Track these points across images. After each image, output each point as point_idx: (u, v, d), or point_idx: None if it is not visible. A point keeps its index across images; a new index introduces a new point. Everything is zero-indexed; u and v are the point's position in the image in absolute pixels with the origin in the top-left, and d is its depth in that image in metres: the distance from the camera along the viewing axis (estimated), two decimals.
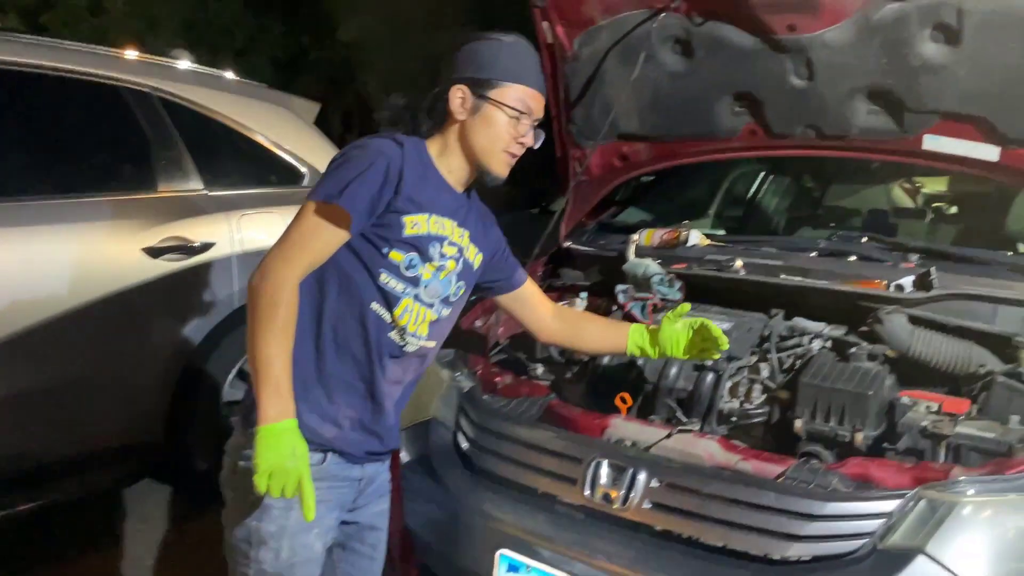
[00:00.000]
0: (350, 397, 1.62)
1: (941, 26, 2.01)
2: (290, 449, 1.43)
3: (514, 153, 1.67)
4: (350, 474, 1.66)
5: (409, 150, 1.61)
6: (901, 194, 3.68)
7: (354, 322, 1.60)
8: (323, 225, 1.53)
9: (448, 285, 1.68)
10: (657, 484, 1.73)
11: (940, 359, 1.99)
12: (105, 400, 2.89)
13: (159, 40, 7.25)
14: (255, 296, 1.50)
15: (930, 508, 1.53)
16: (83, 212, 2.88)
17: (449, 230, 1.66)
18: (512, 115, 1.63)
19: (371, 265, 1.58)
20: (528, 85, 1.66)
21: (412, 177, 1.58)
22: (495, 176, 1.68)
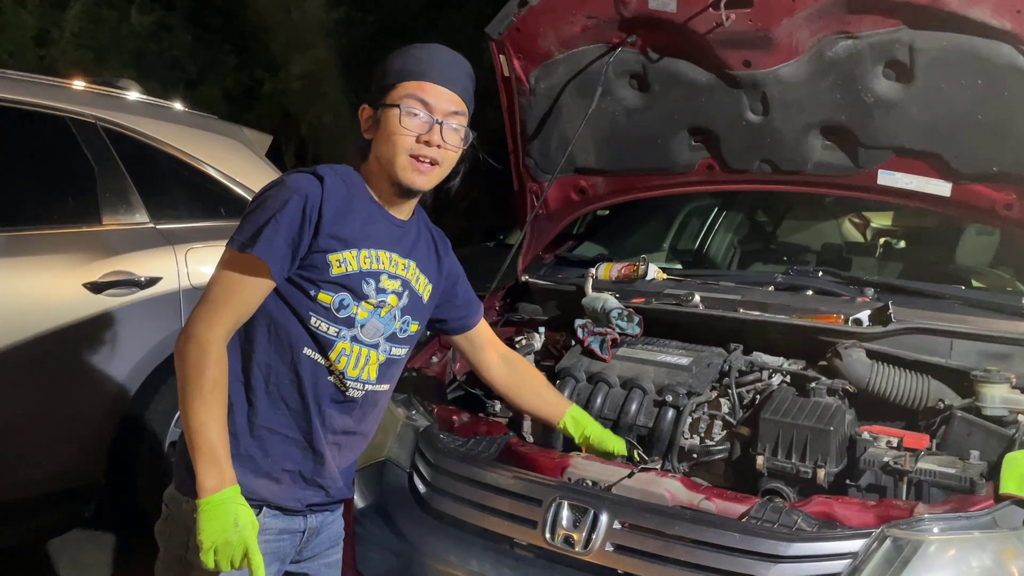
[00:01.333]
0: (287, 449, 1.53)
1: (894, 63, 2.04)
2: (232, 519, 1.37)
3: (422, 156, 1.52)
4: (290, 526, 1.58)
5: (331, 183, 1.50)
6: (851, 228, 3.74)
7: (286, 369, 1.51)
8: (241, 278, 1.44)
9: (391, 322, 1.58)
10: (619, 526, 1.68)
11: (899, 393, 1.99)
12: (42, 441, 2.76)
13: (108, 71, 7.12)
14: (181, 361, 1.42)
15: (895, 547, 1.51)
16: (22, 245, 2.77)
17: (386, 263, 1.56)
18: (406, 112, 1.50)
19: (299, 309, 1.49)
20: (420, 79, 1.52)
21: (333, 212, 1.48)
22: (407, 185, 1.54)
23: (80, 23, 7.67)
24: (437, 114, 1.52)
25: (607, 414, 2.11)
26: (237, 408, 1.50)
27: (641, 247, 3.54)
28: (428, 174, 1.54)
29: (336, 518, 1.71)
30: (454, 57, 1.60)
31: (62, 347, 2.77)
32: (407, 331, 1.63)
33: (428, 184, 1.56)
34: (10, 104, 2.85)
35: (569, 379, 2.22)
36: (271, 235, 1.42)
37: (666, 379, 2.12)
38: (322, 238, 1.47)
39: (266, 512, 1.52)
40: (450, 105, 1.54)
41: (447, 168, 1.58)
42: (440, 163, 1.54)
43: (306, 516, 1.60)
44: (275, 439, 1.52)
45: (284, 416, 1.52)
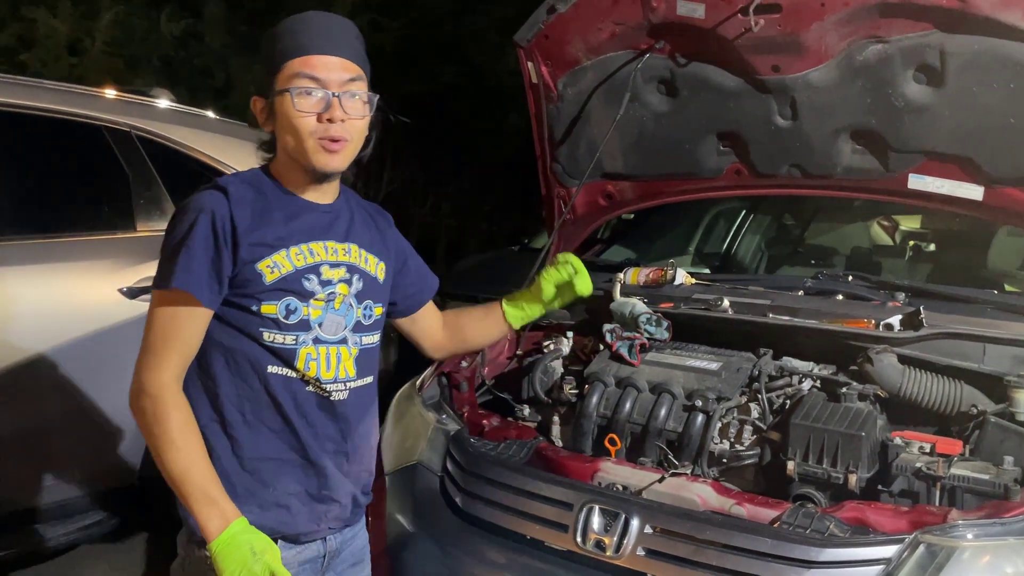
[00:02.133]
0: (286, 472, 1.45)
1: (924, 67, 2.03)
2: (248, 551, 1.33)
3: (331, 136, 1.41)
4: (305, 556, 1.50)
5: (236, 190, 1.41)
6: (880, 232, 3.71)
7: (258, 394, 1.42)
8: (173, 316, 1.37)
9: (350, 311, 1.49)
10: (651, 530, 1.69)
11: (931, 399, 1.98)
12: (79, 445, 2.81)
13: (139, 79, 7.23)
14: (139, 417, 1.36)
15: (929, 553, 1.51)
16: (60, 252, 2.83)
17: (322, 254, 1.46)
18: (297, 93, 1.39)
19: (249, 329, 1.40)
20: (304, 54, 1.40)
21: (248, 220, 1.39)
22: (321, 170, 1.44)
23: (111, 32, 7.79)
24: (332, 87, 1.41)
25: (636, 419, 2.11)
26: (220, 448, 1.42)
27: (667, 251, 3.55)
28: (340, 152, 1.44)
29: (356, 534, 1.64)
30: (334, 20, 1.48)
31: (98, 351, 2.82)
32: (372, 316, 1.54)
33: (343, 163, 1.46)
34: (48, 113, 2.91)
35: (598, 384, 2.22)
36: (186, 263, 1.35)
37: (695, 384, 2.12)
38: (243, 249, 1.38)
39: (282, 545, 1.45)
40: (343, 73, 1.42)
41: (359, 141, 1.48)
42: (350, 138, 1.44)
43: (325, 539, 1.53)
44: (270, 466, 1.44)
45: (271, 441, 1.44)
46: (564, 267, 1.78)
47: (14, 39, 7.73)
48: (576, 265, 1.78)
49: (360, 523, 1.66)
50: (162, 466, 1.35)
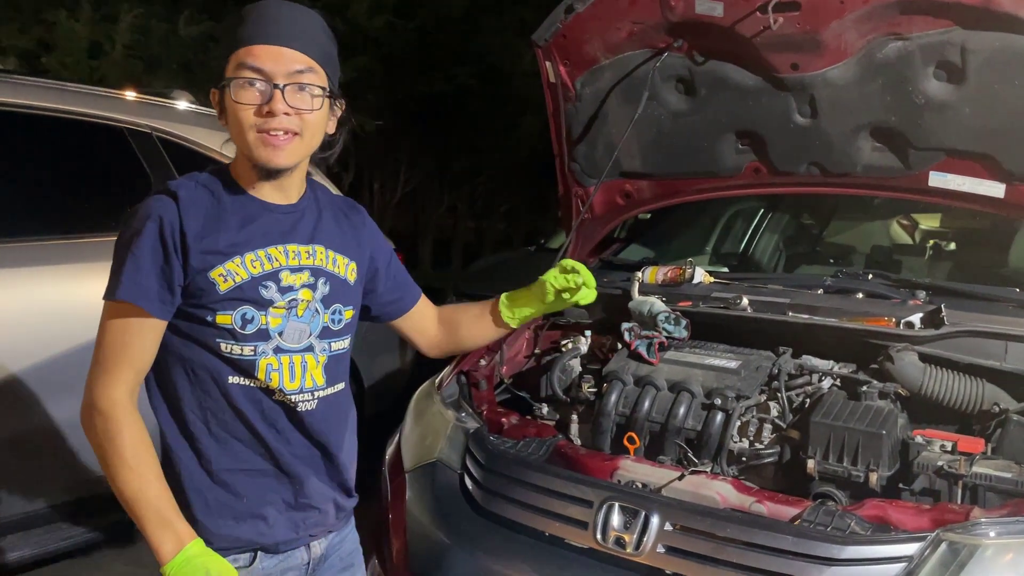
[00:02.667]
0: (259, 483, 1.40)
1: (945, 64, 2.02)
2: (203, 573, 1.27)
3: (272, 129, 1.32)
4: (288, 564, 1.46)
5: (187, 194, 1.34)
6: (899, 230, 3.69)
7: (221, 406, 1.37)
8: (124, 329, 1.30)
9: (315, 318, 1.42)
10: (671, 527, 1.69)
11: (952, 397, 1.97)
12: None
13: (158, 82, 7.30)
14: (90, 434, 1.31)
15: (951, 551, 1.50)
16: (82, 253, 2.86)
17: (281, 259, 1.38)
18: (237, 85, 1.31)
19: (205, 340, 1.34)
20: (248, 43, 1.32)
21: (200, 226, 1.32)
22: (264, 165, 1.34)
23: (130, 35, 7.87)
24: (277, 78, 1.31)
25: (655, 417, 2.12)
26: (187, 461, 1.37)
27: (685, 251, 3.54)
28: (284, 147, 1.33)
29: (345, 538, 1.60)
30: (291, 11, 1.37)
31: None
32: (342, 320, 1.47)
33: (290, 159, 1.36)
34: (71, 116, 2.95)
35: (616, 382, 2.22)
36: (133, 274, 1.29)
37: (715, 382, 2.11)
38: (194, 257, 1.31)
39: (261, 557, 1.42)
40: (291, 64, 1.32)
41: (311, 136, 1.38)
42: (299, 132, 1.34)
43: (308, 546, 1.48)
44: (241, 478, 1.39)
45: (240, 452, 1.39)
46: (572, 276, 1.68)
47: (35, 42, 7.82)
48: (584, 276, 1.68)
49: (348, 527, 1.62)
50: (114, 486, 1.29)
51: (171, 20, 8.14)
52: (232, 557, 1.39)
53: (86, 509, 2.86)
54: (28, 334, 2.65)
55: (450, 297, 6.42)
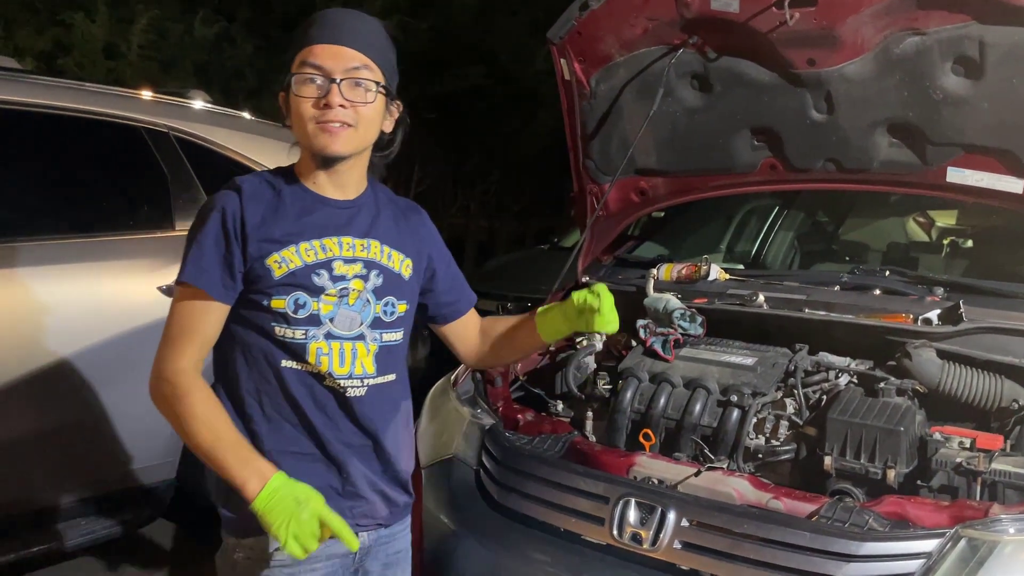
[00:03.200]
0: (307, 467, 1.45)
1: (963, 59, 2.01)
2: (292, 501, 1.32)
3: (328, 119, 1.41)
4: (336, 550, 1.47)
5: (250, 187, 1.45)
6: (916, 228, 3.67)
7: (274, 389, 1.44)
8: (189, 310, 1.40)
9: (366, 307, 1.48)
10: (687, 523, 1.69)
11: (970, 394, 1.96)
12: (120, 440, 2.86)
13: (173, 82, 7.34)
14: (161, 404, 1.39)
15: (970, 548, 1.50)
16: (101, 251, 2.88)
17: (336, 249, 1.46)
18: (299, 80, 1.42)
19: (261, 323, 1.43)
20: (310, 44, 1.43)
21: (258, 216, 1.42)
22: (321, 152, 1.44)
23: (146, 36, 7.91)
24: (335, 74, 1.42)
25: (671, 414, 2.11)
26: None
27: (699, 248, 3.53)
28: (339, 135, 1.43)
29: (394, 536, 1.62)
30: (351, 16, 1.49)
31: (138, 348, 2.86)
32: (395, 313, 1.53)
33: (345, 147, 1.45)
34: (89, 115, 2.97)
35: (632, 379, 2.22)
36: (197, 259, 1.40)
37: (730, 379, 2.11)
38: (252, 245, 1.41)
39: None
40: (348, 62, 1.43)
41: (366, 129, 1.47)
42: (354, 124, 1.44)
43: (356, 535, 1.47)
44: (291, 460, 1.44)
45: (290, 435, 1.45)
46: (592, 297, 1.62)
47: (52, 44, 7.87)
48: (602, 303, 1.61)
49: (400, 525, 1.63)
50: (192, 443, 1.36)
51: (186, 21, 8.18)
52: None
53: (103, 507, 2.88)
54: (49, 331, 2.67)
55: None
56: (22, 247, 2.69)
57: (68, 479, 2.77)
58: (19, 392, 2.59)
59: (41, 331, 2.65)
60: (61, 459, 2.72)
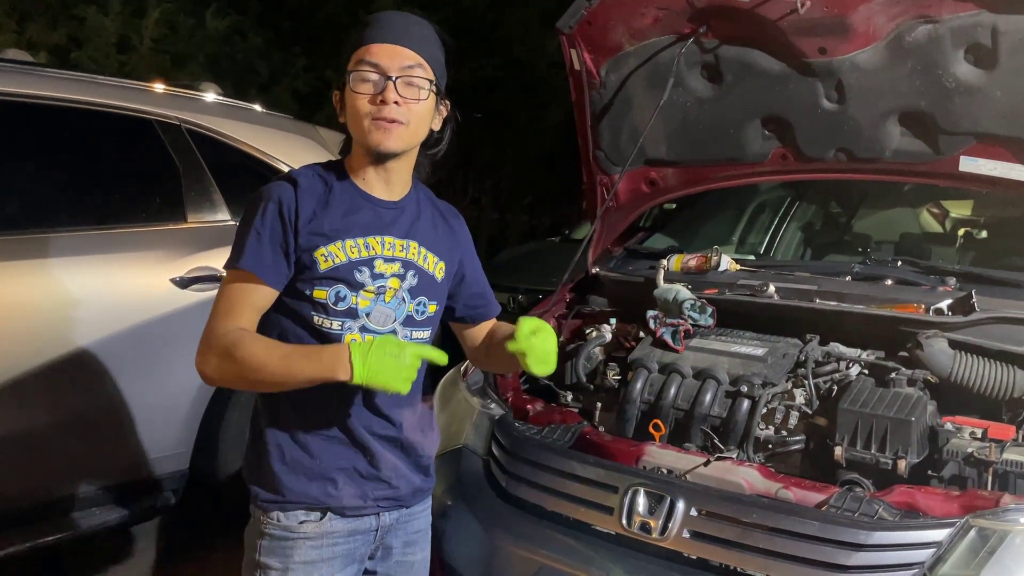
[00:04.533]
0: (333, 449, 1.51)
1: (975, 47, 2.00)
2: (390, 359, 1.33)
3: (384, 117, 1.45)
4: (359, 526, 1.55)
5: (305, 181, 1.50)
6: (929, 219, 3.65)
7: None
8: (239, 290, 1.45)
9: (401, 306, 1.54)
10: (696, 513, 1.69)
11: (982, 384, 1.95)
12: (133, 430, 2.89)
13: (185, 75, 7.36)
14: (216, 371, 1.41)
15: (981, 537, 1.49)
16: (114, 243, 2.90)
17: (378, 248, 1.52)
18: (356, 78, 1.46)
19: (302, 311, 1.48)
20: (367, 43, 1.47)
21: (311, 209, 1.48)
22: (374, 148, 1.48)
23: (158, 30, 7.94)
24: (391, 72, 1.46)
25: (680, 404, 2.11)
26: (272, 421, 1.51)
27: (710, 239, 3.51)
28: (392, 131, 1.47)
29: (415, 516, 1.66)
30: (405, 17, 1.54)
31: (151, 339, 2.89)
32: (425, 312, 1.58)
33: (397, 144, 1.49)
34: (102, 108, 2.98)
35: (641, 370, 2.22)
36: (255, 246, 1.44)
37: (740, 369, 2.11)
38: (303, 237, 1.46)
39: (330, 516, 1.51)
40: (403, 61, 1.47)
41: (417, 126, 1.51)
42: (406, 122, 1.47)
43: (378, 515, 1.57)
44: (317, 440, 1.50)
45: (318, 419, 1.51)
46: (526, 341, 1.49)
47: (65, 38, 7.91)
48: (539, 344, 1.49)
49: (421, 505, 1.68)
50: (266, 378, 1.39)
51: (198, 15, 8.20)
52: (303, 512, 1.50)
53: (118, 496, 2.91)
54: (61, 323, 2.69)
55: None
56: (35, 239, 2.71)
57: (82, 469, 2.80)
58: (33, 382, 2.61)
59: (53, 323, 2.68)
60: (74, 449, 2.74)
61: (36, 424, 2.65)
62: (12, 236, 2.67)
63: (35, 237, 2.72)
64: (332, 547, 1.51)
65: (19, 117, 2.81)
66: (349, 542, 1.54)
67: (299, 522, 1.49)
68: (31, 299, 2.65)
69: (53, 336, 2.67)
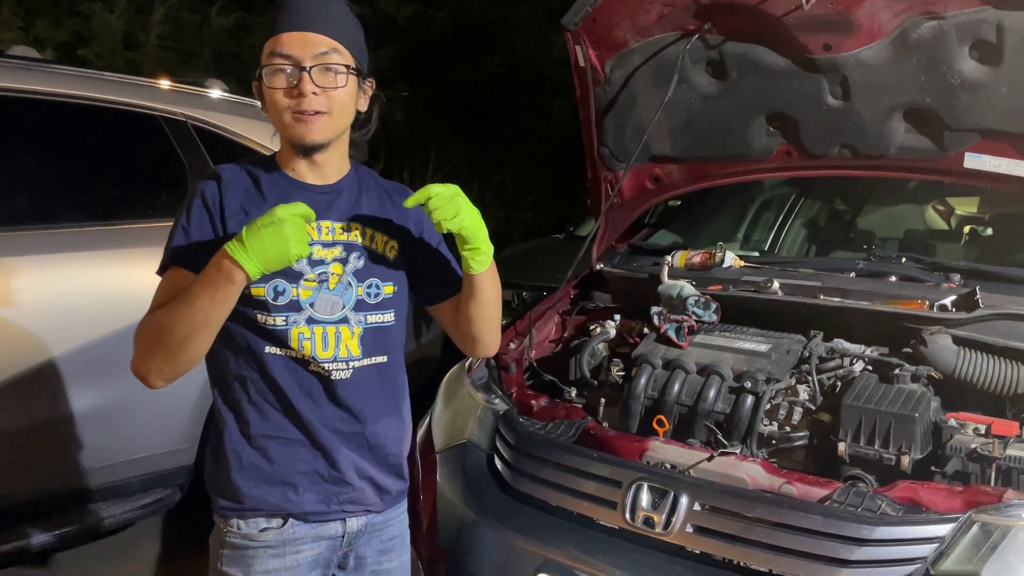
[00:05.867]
0: (292, 452, 1.45)
1: (981, 43, 1.99)
2: (269, 235, 1.27)
3: (304, 110, 1.39)
4: (324, 532, 1.50)
5: (229, 175, 1.45)
6: (934, 216, 3.64)
7: (259, 375, 1.44)
8: (172, 288, 1.38)
9: (348, 291, 1.47)
10: (700, 508, 1.70)
11: (986, 380, 1.95)
12: (141, 425, 2.90)
13: (190, 71, 7.38)
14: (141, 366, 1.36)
15: (984, 533, 1.49)
16: (120, 239, 2.91)
17: (314, 235, 1.45)
18: (269, 72, 1.40)
19: (244, 312, 1.41)
20: (275, 34, 1.41)
21: (237, 203, 1.43)
22: (299, 142, 1.43)
23: (164, 27, 7.98)
24: (304, 61, 1.39)
25: (684, 400, 2.12)
26: (230, 426, 1.46)
27: (715, 237, 3.51)
28: (314, 123, 1.41)
29: (389, 522, 1.60)
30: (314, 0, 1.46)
31: None
32: (380, 294, 1.51)
33: (321, 135, 1.43)
34: (109, 104, 3.00)
35: (645, 365, 2.23)
36: (182, 241, 1.41)
37: (744, 365, 2.11)
38: (231, 228, 1.41)
39: (292, 523, 1.47)
40: (315, 48, 1.41)
41: (341, 113, 1.45)
42: (328, 110, 1.42)
43: (344, 520, 1.52)
44: (276, 444, 1.45)
45: (276, 420, 1.45)
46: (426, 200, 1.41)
47: (71, 35, 7.94)
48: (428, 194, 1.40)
49: (393, 511, 1.61)
50: (180, 327, 1.32)
51: (203, 11, 8.23)
52: (264, 520, 1.46)
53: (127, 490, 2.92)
54: (69, 317, 2.71)
55: None
56: (41, 235, 2.73)
57: (87, 464, 2.81)
58: (39, 378, 2.63)
59: (58, 318, 2.69)
60: (79, 444, 2.76)
61: (40, 419, 2.67)
62: (19, 231, 2.68)
63: (41, 233, 2.73)
64: (295, 555, 1.47)
65: (26, 113, 2.82)
66: (313, 548, 1.49)
67: (260, 530, 1.46)
68: (37, 295, 2.66)
69: (59, 331, 2.69)
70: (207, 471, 1.51)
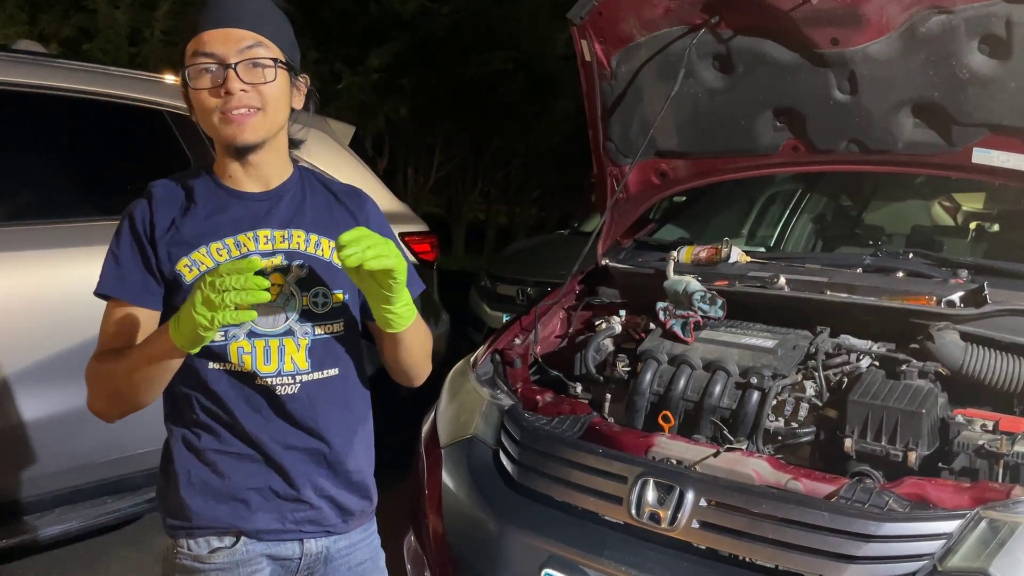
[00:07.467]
0: (244, 467, 1.39)
1: (990, 38, 1.98)
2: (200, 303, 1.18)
3: (232, 107, 1.32)
4: (280, 552, 1.42)
5: (161, 191, 1.40)
6: (941, 212, 3.63)
7: (204, 392, 1.37)
8: (108, 317, 1.36)
9: (291, 301, 1.39)
10: (705, 503, 1.70)
11: (994, 377, 1.94)
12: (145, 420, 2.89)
13: None
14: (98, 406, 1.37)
15: (991, 529, 1.49)
16: None
17: (250, 245, 1.38)
18: (194, 72, 1.33)
19: None
20: (196, 32, 1.34)
21: (169, 219, 1.37)
22: (231, 143, 1.35)
23: (168, 22, 7.98)
24: (229, 58, 1.32)
25: (690, 396, 2.11)
26: (179, 442, 1.40)
27: (720, 232, 3.52)
28: (246, 121, 1.34)
29: (356, 547, 1.51)
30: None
31: None
32: (327, 303, 1.42)
33: (255, 134, 1.36)
34: (114, 98, 3.00)
35: (651, 361, 2.22)
36: (112, 269, 1.37)
37: (750, 361, 2.11)
38: (161, 249, 1.35)
39: (244, 541, 1.40)
40: (239, 43, 1.33)
41: (274, 110, 1.37)
42: (260, 107, 1.35)
43: (301, 541, 1.43)
44: (227, 459, 1.38)
45: (224, 436, 1.38)
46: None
47: (76, 30, 7.95)
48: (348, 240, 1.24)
49: (361, 533, 1.53)
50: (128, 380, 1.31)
51: None
52: (215, 538, 1.40)
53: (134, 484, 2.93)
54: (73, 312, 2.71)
55: (483, 281, 6.43)
56: (46, 229, 2.73)
57: (90, 460, 2.81)
58: (45, 373, 2.63)
59: (62, 313, 2.69)
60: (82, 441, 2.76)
61: (43, 416, 2.67)
62: (24, 226, 2.69)
63: (46, 227, 2.73)
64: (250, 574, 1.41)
65: (31, 107, 2.82)
66: (268, 569, 1.43)
67: (210, 550, 1.39)
68: (42, 289, 2.66)
69: (62, 327, 2.68)
70: (157, 490, 1.46)
